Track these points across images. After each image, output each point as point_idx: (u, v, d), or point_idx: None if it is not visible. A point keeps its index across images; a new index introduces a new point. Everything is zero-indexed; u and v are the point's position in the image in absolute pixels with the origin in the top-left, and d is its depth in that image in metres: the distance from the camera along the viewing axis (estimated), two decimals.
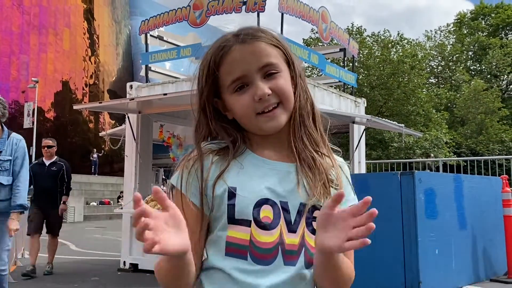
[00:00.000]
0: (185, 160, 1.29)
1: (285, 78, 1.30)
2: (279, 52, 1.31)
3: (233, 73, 1.26)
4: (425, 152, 27.78)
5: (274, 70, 1.27)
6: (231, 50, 1.27)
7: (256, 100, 1.25)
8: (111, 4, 61.07)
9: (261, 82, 1.25)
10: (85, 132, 51.70)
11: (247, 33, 1.29)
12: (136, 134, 9.23)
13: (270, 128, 1.28)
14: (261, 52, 1.27)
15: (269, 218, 1.23)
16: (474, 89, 34.80)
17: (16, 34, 49.66)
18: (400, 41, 36.62)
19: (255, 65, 1.26)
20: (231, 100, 1.29)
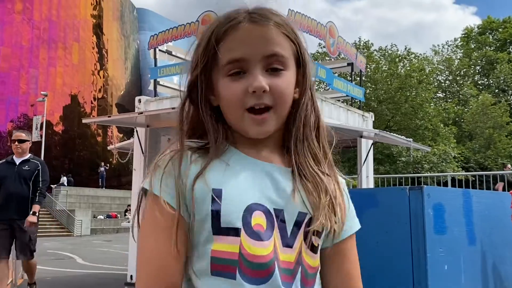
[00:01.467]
0: (158, 159, 1.08)
1: (289, 79, 1.10)
2: (291, 47, 1.12)
3: (233, 52, 1.07)
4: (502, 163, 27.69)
5: (279, 66, 1.08)
6: (239, 26, 1.08)
7: (249, 92, 1.05)
8: (120, 19, 61.68)
9: (261, 74, 1.06)
10: (93, 145, 51.97)
11: (262, 13, 1.10)
12: (144, 148, 9.26)
13: (256, 134, 1.08)
14: (271, 40, 1.08)
15: (261, 227, 1.02)
16: (482, 104, 34.71)
17: (26, 49, 50.21)
18: (407, 55, 36.66)
19: (261, 51, 1.07)
20: (222, 84, 1.09)
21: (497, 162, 31.99)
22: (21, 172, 6.69)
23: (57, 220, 29.20)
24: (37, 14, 51.72)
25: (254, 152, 1.11)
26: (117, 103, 56.79)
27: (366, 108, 23.07)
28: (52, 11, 52.74)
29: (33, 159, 6.91)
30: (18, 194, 6.57)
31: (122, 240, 18.37)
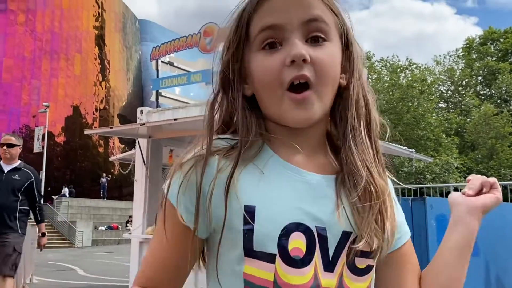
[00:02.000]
0: (182, 160, 0.92)
1: (334, 52, 0.93)
2: (334, 19, 0.94)
3: (266, 19, 0.90)
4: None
5: (322, 35, 0.91)
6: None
7: (287, 63, 0.88)
8: (122, 30, 62.00)
9: (301, 42, 0.89)
10: (94, 156, 52.01)
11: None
12: (146, 159, 9.26)
13: (298, 120, 0.91)
14: (312, 4, 0.91)
15: (300, 251, 0.87)
16: (484, 114, 34.70)
17: (28, 60, 50.44)
18: (409, 66, 36.75)
19: (298, 15, 0.89)
20: (254, 60, 0.92)
21: (500, 172, 31.92)
22: (10, 181, 5.73)
23: (58, 231, 29.15)
24: (39, 25, 52.01)
25: (293, 154, 0.94)
26: (119, 114, 56.92)
27: None
28: (55, 23, 53.03)
29: (24, 168, 5.91)
30: (3, 205, 5.55)
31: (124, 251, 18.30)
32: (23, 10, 51.71)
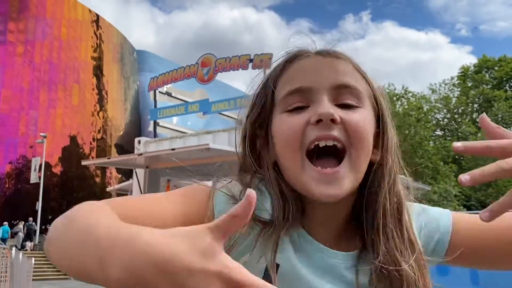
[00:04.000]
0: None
1: (367, 117, 0.84)
2: (367, 86, 0.87)
3: (293, 82, 0.83)
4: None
5: (354, 102, 0.83)
6: (302, 57, 0.86)
7: (312, 122, 0.79)
8: (120, 60, 62.48)
9: (329, 103, 0.80)
10: (91, 186, 51.79)
11: (333, 50, 0.87)
12: (143, 189, 9.23)
13: (325, 197, 0.79)
14: (344, 70, 0.84)
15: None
16: None
17: (26, 90, 50.65)
18: (405, 94, 36.99)
19: (330, 80, 0.82)
20: (277, 122, 0.84)
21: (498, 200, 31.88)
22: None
23: None
24: (38, 56, 52.39)
25: (321, 231, 0.85)
26: (116, 143, 56.92)
27: None
28: (53, 54, 53.44)
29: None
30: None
31: None
32: (21, 41, 52.16)
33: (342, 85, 0.82)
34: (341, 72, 0.83)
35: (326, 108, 0.78)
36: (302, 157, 0.80)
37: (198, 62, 9.55)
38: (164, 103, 10.75)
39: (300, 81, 0.82)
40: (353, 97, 0.82)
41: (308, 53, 0.86)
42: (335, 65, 0.84)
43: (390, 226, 0.85)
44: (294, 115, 0.81)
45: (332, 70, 0.83)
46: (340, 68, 0.83)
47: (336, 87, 0.82)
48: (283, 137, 0.82)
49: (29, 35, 52.59)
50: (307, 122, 0.79)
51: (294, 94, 0.82)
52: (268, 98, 0.86)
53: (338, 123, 0.79)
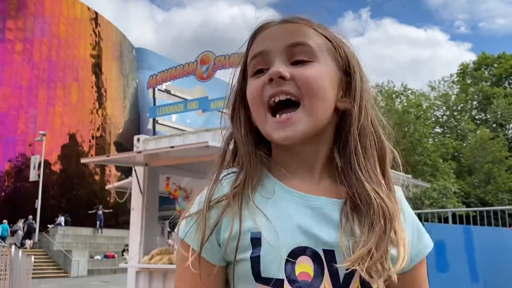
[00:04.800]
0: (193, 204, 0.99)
1: (320, 69, 0.94)
2: (325, 42, 0.97)
3: (256, 48, 0.97)
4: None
5: (306, 58, 0.93)
6: (267, 27, 0.98)
7: (266, 82, 0.93)
8: (119, 58, 62.44)
9: (281, 63, 0.93)
10: (90, 184, 51.81)
11: (298, 17, 0.99)
12: (142, 187, 9.22)
13: (281, 139, 0.93)
14: (298, 31, 0.95)
15: (308, 275, 0.88)
16: (480, 138, 34.83)
17: (25, 88, 50.62)
18: (404, 91, 36.98)
19: (283, 41, 0.94)
20: (248, 86, 0.99)
21: (498, 197, 31.89)
22: None
23: (53, 261, 28.83)
24: (37, 54, 52.34)
25: (297, 179, 0.96)
26: (116, 141, 56.91)
27: None
28: (52, 52, 53.39)
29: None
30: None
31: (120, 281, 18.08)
32: (20, 39, 52.09)
33: (294, 43, 0.93)
34: (294, 32, 0.95)
35: (275, 68, 0.91)
36: (264, 111, 0.94)
37: (197, 60, 9.52)
38: (163, 101, 10.74)
39: (260, 46, 0.96)
40: (305, 53, 0.94)
41: (273, 23, 0.98)
42: (291, 28, 0.96)
43: (368, 167, 0.95)
44: (257, 78, 0.95)
45: (286, 33, 0.95)
46: (294, 30, 0.95)
47: (289, 46, 0.93)
48: (249, 98, 0.96)
49: (27, 33, 52.52)
50: (264, 82, 0.93)
51: (255, 58, 0.97)
52: (243, 64, 1.01)
53: (288, 79, 0.91)
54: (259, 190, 0.93)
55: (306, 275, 0.88)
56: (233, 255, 0.90)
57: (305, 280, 0.88)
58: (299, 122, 0.91)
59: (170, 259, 7.87)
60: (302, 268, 0.88)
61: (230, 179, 0.97)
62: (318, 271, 0.89)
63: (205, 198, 0.94)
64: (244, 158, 0.96)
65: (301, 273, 0.88)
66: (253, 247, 0.89)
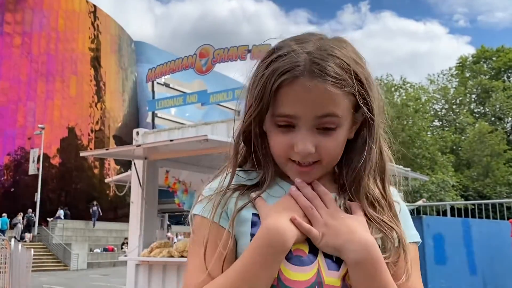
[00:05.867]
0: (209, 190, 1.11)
1: (341, 134, 1.05)
2: (350, 99, 1.04)
3: (285, 108, 1.02)
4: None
5: (332, 125, 1.03)
6: (295, 80, 1.01)
7: (294, 150, 1.04)
8: (118, 51, 62.26)
9: (309, 133, 1.02)
10: (90, 178, 51.80)
11: (323, 64, 1.01)
12: (142, 180, 9.22)
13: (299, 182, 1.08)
14: (328, 99, 1.01)
15: (303, 252, 1.00)
16: (479, 132, 34.86)
17: (24, 82, 50.52)
18: (403, 85, 36.97)
19: (314, 111, 1.01)
20: (271, 132, 1.07)
21: (496, 190, 31.95)
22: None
23: (53, 254, 28.88)
24: (35, 48, 52.22)
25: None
26: (115, 135, 56.87)
27: None
28: (51, 45, 53.25)
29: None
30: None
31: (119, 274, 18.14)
32: (19, 33, 51.96)
33: (323, 115, 1.01)
34: (325, 102, 1.01)
35: (304, 144, 1.02)
36: (286, 161, 1.07)
37: (196, 53, 9.51)
38: (162, 94, 10.72)
39: (290, 109, 1.02)
40: (331, 122, 1.02)
41: (298, 73, 1.01)
42: (321, 95, 1.00)
43: (367, 189, 1.09)
44: (283, 135, 1.05)
45: (317, 102, 1.00)
46: (324, 98, 1.00)
47: (318, 117, 1.01)
48: (273, 148, 1.07)
49: (26, 26, 52.37)
50: (291, 146, 1.03)
51: (284, 117, 1.03)
52: (265, 105, 1.04)
53: (314, 152, 1.03)
54: (268, 191, 1.09)
55: (301, 251, 1.00)
56: (236, 226, 1.05)
57: (299, 254, 1.00)
58: (318, 173, 1.07)
59: (169, 252, 7.89)
60: (298, 246, 1.00)
61: (243, 176, 1.13)
62: (313, 249, 1.01)
63: (218, 185, 1.10)
64: (266, 171, 1.11)
65: (296, 249, 1.00)
66: (253, 224, 1.04)
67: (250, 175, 1.13)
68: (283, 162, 1.07)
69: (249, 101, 1.09)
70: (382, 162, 1.14)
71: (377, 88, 1.11)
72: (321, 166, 1.06)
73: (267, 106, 1.04)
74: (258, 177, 1.12)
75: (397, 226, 1.07)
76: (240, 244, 1.05)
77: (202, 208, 1.08)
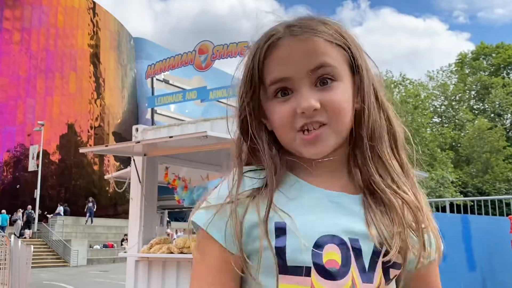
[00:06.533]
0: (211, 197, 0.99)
1: (344, 89, 0.97)
2: (341, 53, 0.97)
3: (274, 72, 0.95)
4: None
5: (330, 77, 0.95)
6: (278, 43, 0.95)
7: (298, 113, 0.93)
8: (117, 48, 62.17)
9: (309, 90, 0.94)
10: (89, 174, 51.79)
11: (303, 24, 0.96)
12: (141, 176, 9.23)
13: (311, 154, 0.96)
14: (315, 50, 0.94)
15: (336, 263, 0.90)
16: (478, 128, 34.88)
17: (23, 78, 50.45)
18: (402, 81, 36.95)
19: (305, 66, 0.94)
20: (269, 107, 0.98)
21: (495, 186, 31.98)
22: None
23: (53, 250, 28.92)
24: (34, 44, 52.11)
25: (316, 178, 0.99)
26: (114, 131, 56.84)
27: None
28: (50, 41, 53.15)
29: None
30: None
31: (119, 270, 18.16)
32: (18, 29, 51.85)
33: (317, 67, 0.94)
34: (313, 53, 0.94)
35: (306, 100, 0.93)
36: (294, 134, 0.96)
37: (195, 49, 9.50)
38: (161, 91, 10.75)
39: (281, 71, 0.95)
40: (328, 73, 0.95)
41: (282, 34, 0.96)
42: (309, 48, 0.94)
43: (383, 160, 1.00)
44: (282, 104, 0.96)
45: (305, 56, 0.94)
46: (311, 50, 0.94)
47: (312, 70, 0.94)
48: (275, 123, 0.97)
49: (25, 22, 52.25)
50: (294, 112, 0.94)
51: (276, 84, 0.96)
52: (256, 80, 0.98)
53: (319, 108, 0.93)
54: (282, 190, 0.96)
55: (334, 262, 0.90)
56: (254, 243, 0.92)
57: (333, 267, 0.89)
58: (328, 138, 0.95)
59: (169, 249, 7.91)
60: (330, 256, 0.89)
61: (252, 177, 0.99)
62: (345, 259, 0.90)
63: (228, 193, 0.96)
64: (268, 165, 0.98)
65: (329, 261, 0.89)
66: (277, 236, 0.90)
67: (261, 174, 0.99)
68: (289, 137, 0.96)
69: (239, 90, 1.03)
70: (392, 129, 1.04)
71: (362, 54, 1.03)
72: (330, 129, 0.95)
73: (259, 82, 0.98)
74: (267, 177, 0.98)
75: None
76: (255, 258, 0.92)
77: (207, 220, 0.95)
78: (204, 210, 0.97)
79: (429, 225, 0.99)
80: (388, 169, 0.99)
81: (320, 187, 0.98)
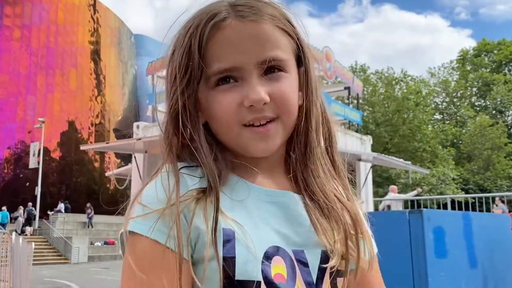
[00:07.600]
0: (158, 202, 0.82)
1: (292, 82, 0.89)
2: (290, 44, 0.90)
3: (222, 61, 0.84)
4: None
5: (280, 68, 0.87)
6: (224, 24, 0.85)
7: (246, 106, 0.83)
8: (118, 45, 62.18)
9: (258, 82, 0.84)
10: (90, 171, 51.85)
11: (250, 4, 0.87)
12: (142, 173, 9.23)
13: (260, 151, 0.87)
14: (266, 39, 0.85)
15: (283, 277, 0.82)
16: (479, 125, 34.85)
17: (24, 75, 50.49)
18: (404, 78, 36.94)
19: (256, 56, 0.84)
20: (209, 97, 0.86)
21: (497, 183, 31.96)
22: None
23: (54, 248, 28.95)
24: (35, 41, 52.13)
25: (258, 177, 0.90)
26: (115, 128, 56.89)
27: (364, 131, 23.11)
28: (50, 38, 53.16)
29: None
30: None
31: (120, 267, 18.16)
32: (18, 26, 51.85)
33: (267, 59, 0.84)
34: (265, 44, 0.85)
35: (257, 93, 0.83)
36: (239, 128, 0.85)
37: None
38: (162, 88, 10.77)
39: (228, 60, 0.84)
40: (279, 64, 0.86)
41: (225, 14, 0.85)
42: (259, 35, 0.85)
43: (323, 162, 0.93)
44: (226, 94, 0.84)
45: (256, 44, 0.84)
46: (263, 38, 0.85)
47: (262, 62, 0.84)
48: (218, 115, 0.85)
49: (25, 19, 52.25)
50: (240, 104, 0.84)
51: (224, 73, 0.84)
52: (195, 66, 0.85)
53: (269, 102, 0.84)
54: (225, 191, 0.85)
55: (281, 277, 0.81)
56: (200, 251, 0.80)
57: (280, 281, 0.81)
58: (277, 134, 0.87)
59: None
60: (277, 269, 0.81)
61: (192, 175, 0.86)
62: (291, 273, 0.83)
63: (167, 195, 0.81)
64: (209, 164, 0.85)
65: (276, 274, 0.81)
66: (225, 242, 0.79)
67: (196, 172, 0.86)
68: (234, 133, 0.86)
69: (171, 74, 0.89)
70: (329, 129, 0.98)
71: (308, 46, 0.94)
72: (280, 123, 0.87)
73: (199, 68, 0.85)
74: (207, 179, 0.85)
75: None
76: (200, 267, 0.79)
77: (149, 227, 0.80)
78: (142, 219, 0.82)
79: (365, 230, 0.93)
80: (325, 170, 0.93)
81: (263, 187, 0.89)
